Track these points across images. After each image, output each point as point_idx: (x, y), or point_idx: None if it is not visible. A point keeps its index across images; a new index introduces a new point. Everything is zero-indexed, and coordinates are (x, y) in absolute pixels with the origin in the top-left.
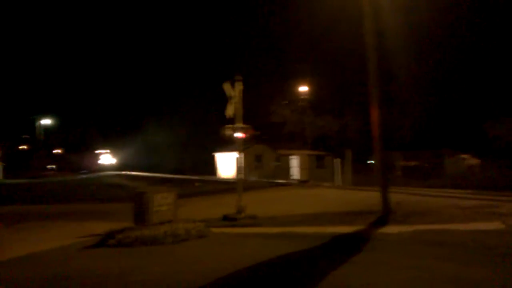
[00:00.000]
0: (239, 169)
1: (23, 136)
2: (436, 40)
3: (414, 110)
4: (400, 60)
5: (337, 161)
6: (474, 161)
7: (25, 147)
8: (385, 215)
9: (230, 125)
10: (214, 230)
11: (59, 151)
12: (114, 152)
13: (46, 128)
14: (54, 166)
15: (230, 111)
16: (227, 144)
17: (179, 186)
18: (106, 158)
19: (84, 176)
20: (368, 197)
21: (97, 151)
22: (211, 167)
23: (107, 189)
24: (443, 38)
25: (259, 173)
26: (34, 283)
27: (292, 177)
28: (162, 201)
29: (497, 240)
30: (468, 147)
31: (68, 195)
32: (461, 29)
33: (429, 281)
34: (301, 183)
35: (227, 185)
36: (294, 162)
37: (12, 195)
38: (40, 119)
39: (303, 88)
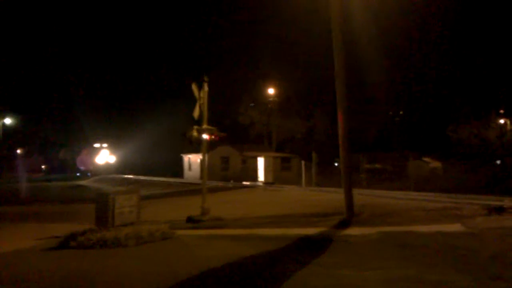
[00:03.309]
0: (203, 171)
1: None
2: (402, 44)
3: (379, 114)
4: (367, 64)
5: (303, 163)
6: (436, 164)
7: None
8: (350, 217)
9: (196, 127)
10: (178, 232)
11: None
12: (113, 148)
13: (9, 127)
14: (44, 167)
15: (196, 112)
16: (195, 146)
17: (146, 187)
18: (104, 156)
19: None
20: (333, 199)
21: (93, 145)
22: (180, 169)
23: (71, 190)
24: (410, 43)
25: (225, 174)
26: None
27: (258, 179)
28: (124, 203)
29: (457, 241)
30: (431, 150)
31: (32, 196)
32: (428, 35)
33: (392, 283)
34: (267, 185)
35: (193, 187)
36: (261, 164)
37: None
38: (3, 117)
39: (271, 90)
